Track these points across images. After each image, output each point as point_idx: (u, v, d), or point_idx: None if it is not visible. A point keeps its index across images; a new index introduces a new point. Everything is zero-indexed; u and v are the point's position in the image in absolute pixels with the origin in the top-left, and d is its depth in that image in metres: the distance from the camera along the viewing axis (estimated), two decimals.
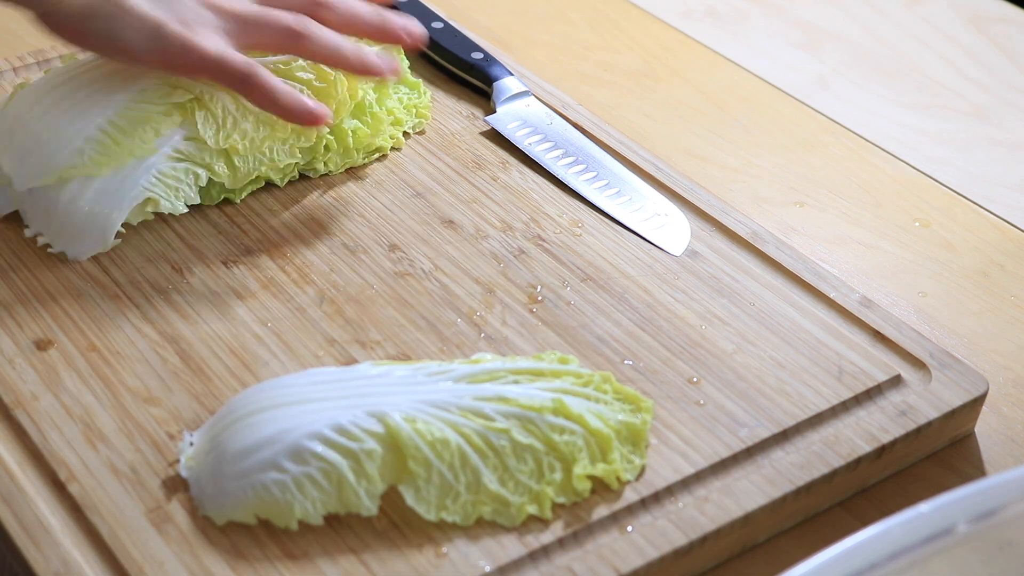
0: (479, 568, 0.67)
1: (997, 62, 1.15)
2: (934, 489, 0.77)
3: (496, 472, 0.69)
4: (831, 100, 1.10)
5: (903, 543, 0.59)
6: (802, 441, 0.75)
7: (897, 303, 0.89)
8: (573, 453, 0.70)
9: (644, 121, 1.06)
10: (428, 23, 1.05)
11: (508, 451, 0.69)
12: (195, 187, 0.87)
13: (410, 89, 0.99)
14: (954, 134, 1.06)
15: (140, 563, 0.67)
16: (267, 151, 0.89)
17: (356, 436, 0.68)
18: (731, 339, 0.81)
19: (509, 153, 0.96)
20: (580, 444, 0.70)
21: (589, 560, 0.68)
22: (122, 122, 0.85)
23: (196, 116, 0.86)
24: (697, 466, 0.73)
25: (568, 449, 0.70)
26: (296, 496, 0.68)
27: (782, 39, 1.18)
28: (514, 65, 1.04)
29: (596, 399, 0.73)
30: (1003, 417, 0.81)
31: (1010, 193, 1.00)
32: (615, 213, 0.91)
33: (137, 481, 0.71)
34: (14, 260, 0.85)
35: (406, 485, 0.68)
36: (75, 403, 0.75)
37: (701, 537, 0.70)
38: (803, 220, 0.96)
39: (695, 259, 0.87)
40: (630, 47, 1.15)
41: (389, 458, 0.69)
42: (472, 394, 0.71)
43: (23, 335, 0.80)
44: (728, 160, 1.02)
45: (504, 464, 0.69)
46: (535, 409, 0.70)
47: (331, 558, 0.68)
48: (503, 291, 0.84)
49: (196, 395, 0.76)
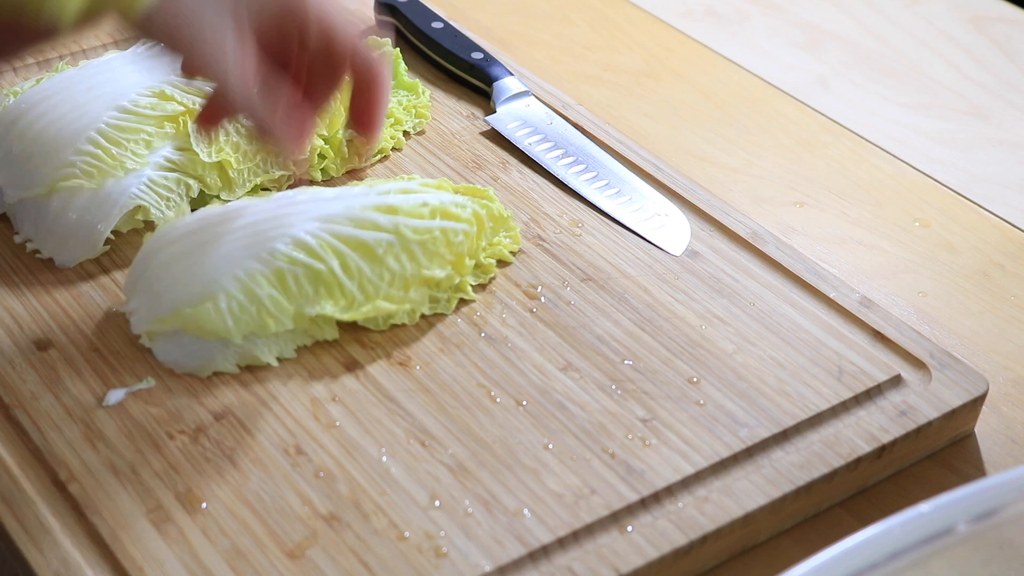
0: (479, 568, 0.67)
1: (997, 62, 1.15)
2: (934, 489, 0.77)
3: (399, 262, 0.79)
4: (831, 100, 1.10)
5: (903, 543, 0.59)
6: (802, 441, 0.75)
7: (897, 303, 0.89)
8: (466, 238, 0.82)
9: (644, 121, 1.06)
10: (428, 23, 1.05)
11: (406, 247, 0.80)
12: (186, 198, 0.87)
13: (408, 91, 0.99)
14: (954, 134, 1.06)
15: (140, 563, 0.67)
16: (260, 163, 0.89)
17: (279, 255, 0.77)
18: (731, 339, 0.81)
19: (509, 153, 0.96)
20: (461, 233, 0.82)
21: (589, 560, 0.68)
22: (114, 134, 0.85)
23: (189, 129, 0.86)
24: (697, 466, 0.73)
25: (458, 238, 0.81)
26: (221, 308, 0.76)
27: (782, 39, 1.18)
28: (514, 65, 1.04)
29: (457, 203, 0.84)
30: (1003, 417, 0.81)
31: (1010, 193, 1.00)
32: (615, 213, 0.91)
33: (137, 481, 0.71)
34: (14, 260, 0.85)
35: (322, 298, 0.77)
36: (75, 403, 0.75)
37: (701, 537, 0.70)
38: (803, 220, 0.96)
39: (695, 259, 0.87)
40: (630, 47, 1.15)
41: (304, 271, 0.77)
42: (362, 204, 0.81)
43: (23, 335, 0.80)
44: (728, 160, 1.02)
45: (411, 253, 0.80)
46: (419, 215, 0.81)
47: (331, 558, 0.68)
48: (503, 291, 0.84)
49: (196, 395, 0.76)
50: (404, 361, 0.79)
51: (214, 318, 0.76)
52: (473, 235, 0.83)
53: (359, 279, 0.79)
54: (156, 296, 0.77)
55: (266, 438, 0.74)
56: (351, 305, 0.79)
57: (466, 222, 0.82)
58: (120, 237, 0.87)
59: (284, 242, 0.78)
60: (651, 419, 0.76)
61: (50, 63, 1.02)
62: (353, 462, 0.73)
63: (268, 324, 0.77)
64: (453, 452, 0.73)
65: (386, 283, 0.79)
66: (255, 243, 0.78)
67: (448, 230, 0.81)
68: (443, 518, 0.70)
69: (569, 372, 0.78)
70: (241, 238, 0.78)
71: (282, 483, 0.72)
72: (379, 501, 0.71)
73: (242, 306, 0.77)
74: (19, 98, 0.88)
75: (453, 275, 0.82)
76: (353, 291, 0.78)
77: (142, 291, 0.78)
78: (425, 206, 0.81)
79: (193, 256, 0.77)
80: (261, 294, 0.77)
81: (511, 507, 0.71)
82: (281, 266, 0.77)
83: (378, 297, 0.79)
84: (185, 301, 0.76)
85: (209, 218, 0.80)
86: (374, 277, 0.79)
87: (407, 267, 0.80)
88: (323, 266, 0.78)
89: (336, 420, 0.75)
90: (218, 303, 0.76)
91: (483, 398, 0.77)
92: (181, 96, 0.87)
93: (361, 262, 0.79)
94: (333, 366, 0.79)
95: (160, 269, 0.78)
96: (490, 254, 0.85)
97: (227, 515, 0.70)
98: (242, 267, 0.77)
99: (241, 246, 0.78)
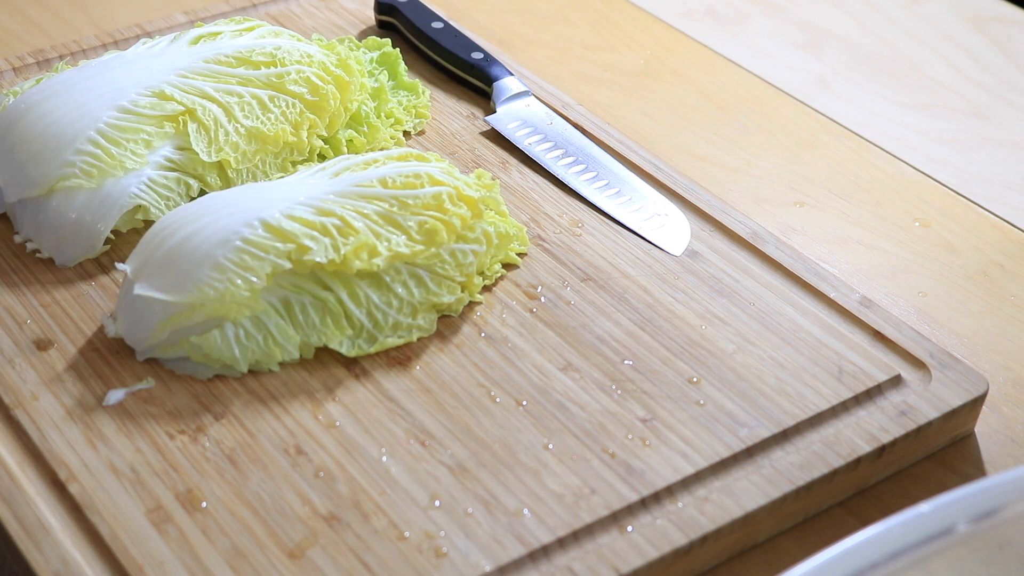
0: (479, 568, 0.67)
1: (997, 62, 1.15)
2: (934, 489, 0.77)
3: (407, 288, 0.79)
4: (831, 100, 1.10)
5: (903, 543, 0.59)
6: (802, 441, 0.75)
7: (897, 303, 0.89)
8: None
9: (644, 121, 1.06)
10: (428, 23, 1.05)
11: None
12: (186, 197, 0.87)
13: (408, 91, 0.99)
14: (954, 134, 1.06)
15: (140, 563, 0.67)
16: (259, 164, 0.89)
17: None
18: (731, 339, 0.81)
19: (509, 153, 0.96)
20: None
21: (589, 560, 0.68)
22: (114, 134, 0.85)
23: (188, 129, 0.86)
24: (697, 466, 0.73)
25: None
26: (228, 336, 0.76)
27: (782, 39, 1.18)
28: (514, 65, 1.04)
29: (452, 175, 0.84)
30: (1003, 417, 0.81)
31: (1010, 193, 1.00)
32: (615, 213, 0.91)
33: (137, 481, 0.71)
34: (14, 260, 0.85)
35: (328, 328, 0.77)
36: (75, 403, 0.76)
37: (701, 537, 0.70)
38: (803, 220, 0.96)
39: (695, 259, 0.87)
40: (630, 47, 1.15)
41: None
42: (355, 182, 0.81)
43: (23, 335, 0.80)
44: (728, 160, 1.02)
45: (419, 279, 0.80)
46: (414, 185, 0.81)
47: (331, 558, 0.68)
48: (503, 291, 0.84)
49: (196, 395, 0.76)
50: (404, 361, 0.79)
51: (220, 346, 0.76)
52: (482, 253, 0.83)
53: (367, 307, 0.78)
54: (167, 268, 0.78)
55: (266, 438, 0.74)
56: (358, 334, 0.78)
57: (475, 242, 0.82)
58: (120, 237, 0.87)
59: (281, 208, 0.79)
60: (651, 419, 0.76)
61: (50, 63, 1.02)
62: (353, 462, 0.73)
63: (275, 353, 0.77)
64: (453, 452, 0.73)
65: (394, 310, 0.79)
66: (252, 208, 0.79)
67: (457, 251, 0.81)
68: (443, 518, 0.70)
69: (569, 372, 0.78)
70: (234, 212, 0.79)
71: (282, 483, 0.72)
72: (379, 501, 0.71)
73: (248, 334, 0.77)
74: (19, 98, 0.88)
75: (463, 297, 0.82)
76: (361, 319, 0.78)
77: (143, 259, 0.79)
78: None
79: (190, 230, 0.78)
80: (268, 323, 0.77)
81: (511, 507, 0.71)
82: (288, 295, 0.77)
83: (387, 325, 0.79)
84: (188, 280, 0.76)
85: (207, 201, 0.81)
86: (382, 304, 0.79)
87: (415, 293, 0.80)
88: (330, 295, 0.78)
89: (336, 420, 0.75)
90: (224, 331, 0.76)
91: (483, 398, 0.77)
92: (181, 96, 0.87)
93: (368, 290, 0.78)
94: (333, 366, 0.79)
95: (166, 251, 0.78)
96: (497, 259, 0.85)
97: (227, 515, 0.70)
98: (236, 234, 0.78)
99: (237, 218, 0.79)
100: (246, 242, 0.77)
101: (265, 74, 0.90)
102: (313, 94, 0.90)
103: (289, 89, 0.90)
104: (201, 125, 0.87)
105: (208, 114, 0.87)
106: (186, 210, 0.80)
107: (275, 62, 0.90)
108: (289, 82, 0.90)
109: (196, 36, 0.92)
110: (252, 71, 0.90)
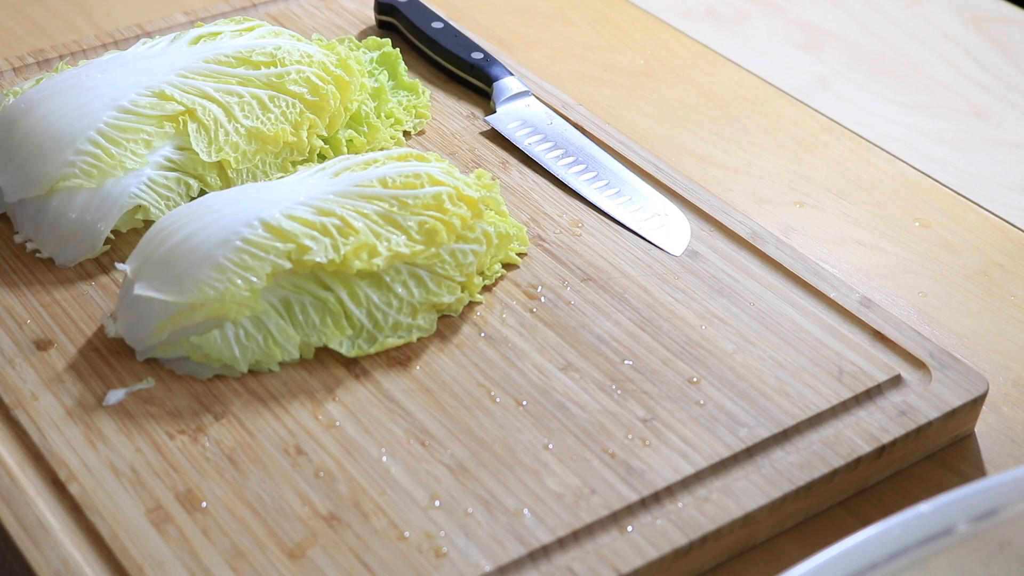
0: (479, 568, 0.67)
1: (997, 62, 1.15)
2: (934, 489, 0.77)
3: (407, 288, 0.79)
4: (831, 100, 1.10)
5: (903, 543, 0.59)
6: (802, 441, 0.75)
7: (897, 303, 0.89)
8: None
9: (644, 121, 1.06)
10: (428, 23, 1.05)
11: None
12: (186, 197, 0.87)
13: (408, 91, 0.99)
14: (954, 134, 1.06)
15: (140, 563, 0.67)
16: (259, 164, 0.89)
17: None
18: (731, 339, 0.81)
19: (509, 153, 0.96)
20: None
21: (589, 560, 0.68)
22: (114, 134, 0.85)
23: (188, 129, 0.86)
24: (697, 466, 0.73)
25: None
26: (228, 336, 0.76)
27: (782, 39, 1.18)
28: (514, 65, 1.04)
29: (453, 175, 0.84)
30: (1003, 417, 0.81)
31: (1010, 193, 1.00)
32: (615, 213, 0.91)
33: (137, 481, 0.71)
34: (14, 260, 0.85)
35: (328, 328, 0.77)
36: (75, 403, 0.76)
37: (701, 537, 0.70)
38: (803, 220, 0.96)
39: (695, 259, 0.87)
40: (630, 47, 1.15)
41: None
42: (356, 181, 0.81)
43: (23, 335, 0.80)
44: (728, 160, 1.02)
45: (419, 279, 0.80)
46: (414, 185, 0.81)
47: (331, 558, 0.68)
48: (503, 291, 0.84)
49: (196, 395, 0.76)
50: (404, 361, 0.79)
51: (220, 346, 0.76)
52: (482, 253, 0.83)
53: (367, 307, 0.79)
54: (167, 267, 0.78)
55: (266, 438, 0.74)
56: (358, 334, 0.78)
57: (475, 242, 0.82)
58: (120, 237, 0.87)
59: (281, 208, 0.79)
60: (651, 419, 0.76)
61: (50, 63, 1.02)
62: (353, 462, 0.73)
63: (275, 353, 0.77)
64: (453, 452, 0.73)
65: (394, 310, 0.79)
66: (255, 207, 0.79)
67: (457, 251, 0.81)
68: (443, 518, 0.70)
69: (569, 372, 0.78)
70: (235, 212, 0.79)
71: (282, 483, 0.72)
72: (379, 501, 0.71)
73: (248, 334, 0.77)
74: (19, 98, 0.88)
75: (463, 297, 0.82)
76: (361, 319, 0.78)
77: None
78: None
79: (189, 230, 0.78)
80: (268, 323, 0.77)
81: (511, 507, 0.71)
82: (288, 295, 0.77)
83: (387, 325, 0.79)
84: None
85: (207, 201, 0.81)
86: (382, 304, 0.79)
87: (415, 293, 0.80)
88: (330, 295, 0.78)
89: (336, 420, 0.75)
90: (224, 331, 0.76)
91: (483, 398, 0.77)
92: (181, 96, 0.87)
93: (368, 290, 0.79)
94: (333, 366, 0.79)
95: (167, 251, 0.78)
96: (497, 259, 0.85)
97: (227, 515, 0.70)
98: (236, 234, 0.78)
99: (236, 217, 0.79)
100: (246, 242, 0.77)
101: (265, 74, 0.90)
102: (313, 94, 0.90)
103: (289, 89, 0.90)
104: (201, 125, 0.87)
105: (208, 114, 0.87)
106: (186, 210, 0.80)
107: (275, 62, 0.90)
108: (289, 82, 0.90)
109: (196, 36, 0.92)
110: (252, 71, 0.90)
